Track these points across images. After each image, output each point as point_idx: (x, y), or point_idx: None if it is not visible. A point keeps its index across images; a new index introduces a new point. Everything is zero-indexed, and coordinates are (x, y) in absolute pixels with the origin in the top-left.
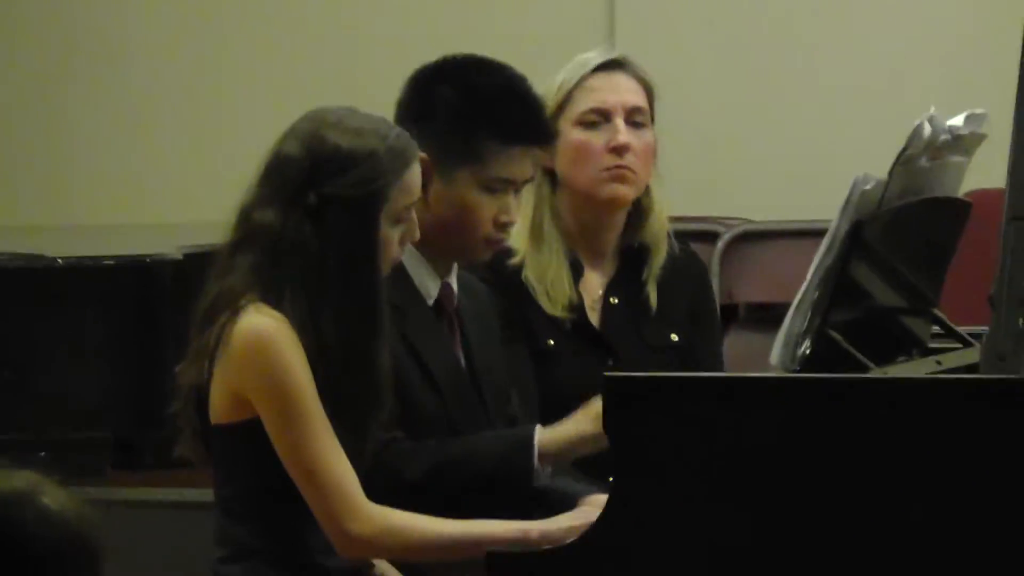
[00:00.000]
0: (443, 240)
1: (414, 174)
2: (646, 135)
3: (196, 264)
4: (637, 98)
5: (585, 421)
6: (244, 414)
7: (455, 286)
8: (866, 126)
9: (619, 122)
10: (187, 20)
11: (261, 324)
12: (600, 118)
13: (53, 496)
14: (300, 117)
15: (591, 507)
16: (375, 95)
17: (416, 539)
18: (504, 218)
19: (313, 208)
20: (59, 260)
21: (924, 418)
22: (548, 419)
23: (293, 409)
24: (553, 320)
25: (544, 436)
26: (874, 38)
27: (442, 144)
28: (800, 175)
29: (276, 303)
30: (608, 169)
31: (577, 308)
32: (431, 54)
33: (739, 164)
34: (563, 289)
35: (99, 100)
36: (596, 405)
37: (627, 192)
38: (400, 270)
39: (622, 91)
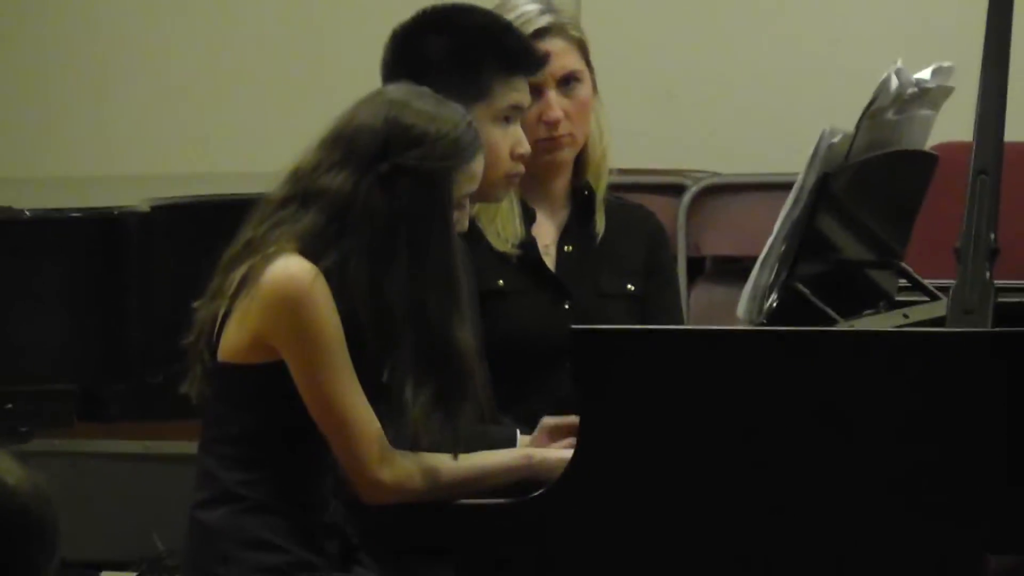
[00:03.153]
0: None
1: (479, 164)
2: (580, 92)
3: (164, 217)
4: (569, 61)
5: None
6: (260, 357)
7: None
8: (833, 79)
9: (551, 94)
10: None
11: (297, 271)
12: (532, 89)
13: (8, 470)
14: (376, 91)
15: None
16: (341, 51)
17: (438, 480)
18: (520, 149)
19: (386, 176)
20: (26, 212)
21: (891, 371)
22: (495, 357)
23: (325, 358)
24: (503, 260)
25: (524, 442)
26: None
27: (448, 92)
28: (767, 128)
29: (332, 270)
30: (542, 140)
31: (530, 248)
32: (394, 20)
33: (705, 117)
34: (513, 227)
35: (67, 52)
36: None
37: (564, 156)
38: None
39: (553, 60)
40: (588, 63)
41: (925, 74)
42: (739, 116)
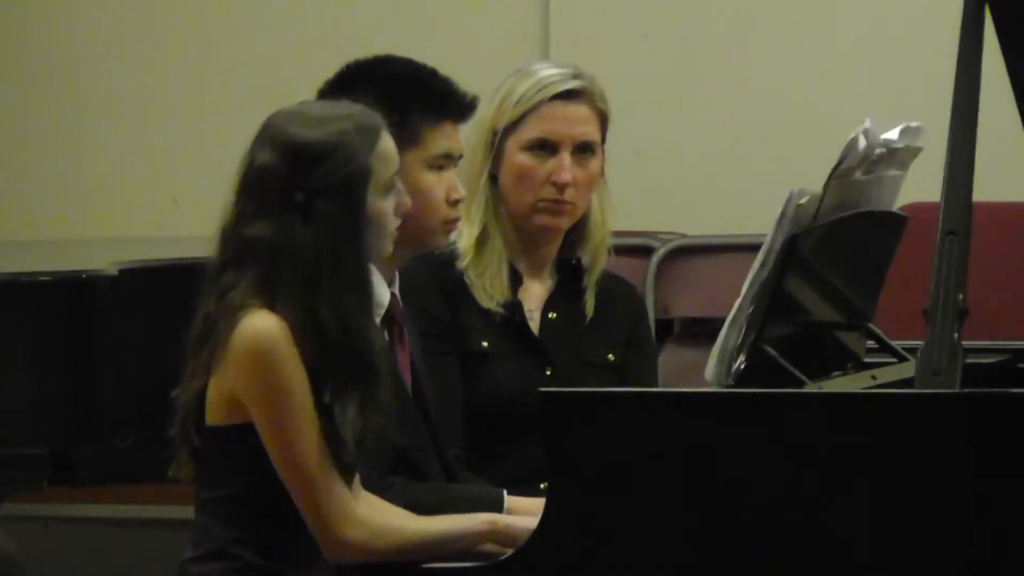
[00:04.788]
0: (401, 234)
1: (387, 142)
2: (592, 164)
3: (132, 280)
4: (589, 130)
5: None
6: (239, 417)
7: (398, 294)
8: (801, 140)
9: (565, 157)
10: (124, 30)
11: (261, 325)
12: (547, 147)
13: None
14: (260, 127)
15: None
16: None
17: (402, 540)
18: (454, 195)
19: (303, 206)
20: None
21: (859, 433)
22: (477, 420)
23: (287, 413)
24: (488, 322)
25: (512, 502)
26: (809, 51)
27: None
28: (735, 189)
29: (274, 308)
30: (545, 200)
31: (515, 311)
32: (359, 43)
33: (674, 178)
34: (501, 285)
35: (36, 115)
36: None
37: (561, 223)
38: None
39: (575, 124)
40: (603, 140)
41: (893, 134)
42: (707, 177)
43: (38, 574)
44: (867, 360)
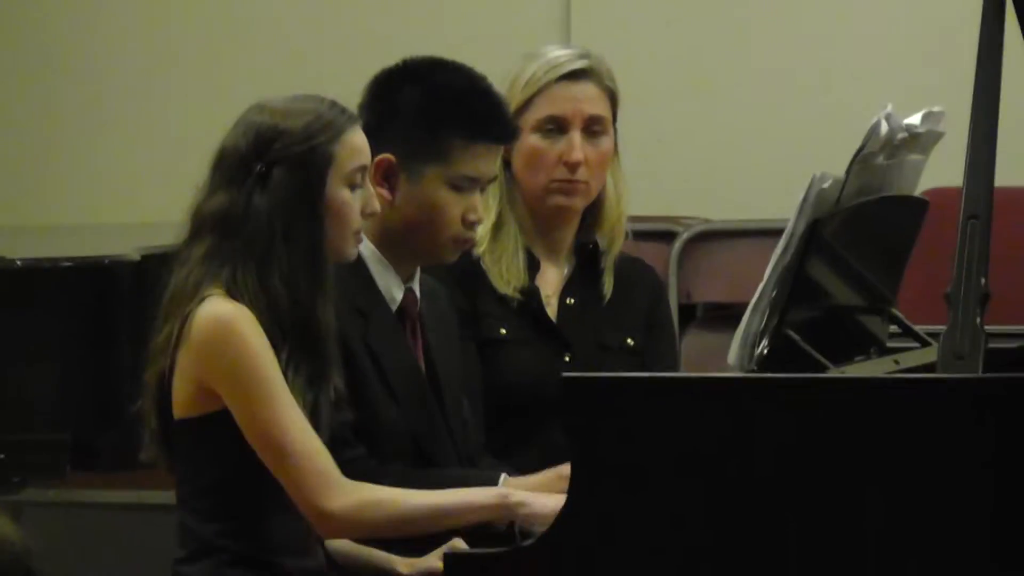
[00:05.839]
0: (411, 241)
1: (358, 136)
2: (603, 143)
3: (154, 265)
4: (598, 107)
5: (552, 481)
6: (207, 406)
7: (418, 292)
8: (823, 124)
9: (575, 136)
10: (142, 19)
11: (221, 310)
12: (557, 127)
13: None
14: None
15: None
16: (331, 87)
17: (396, 511)
18: (472, 216)
19: (261, 176)
20: (17, 261)
21: (882, 418)
22: (495, 406)
23: (260, 391)
24: (506, 308)
25: (509, 484)
26: (831, 36)
27: (408, 144)
28: (757, 174)
29: (229, 282)
30: (558, 181)
31: (532, 297)
32: (387, 54)
33: (696, 163)
34: (517, 271)
35: (56, 100)
36: (565, 469)
37: (575, 203)
38: (365, 275)
39: (583, 102)
40: (614, 119)
41: (915, 119)
42: (730, 162)
43: (60, 560)
44: (890, 345)
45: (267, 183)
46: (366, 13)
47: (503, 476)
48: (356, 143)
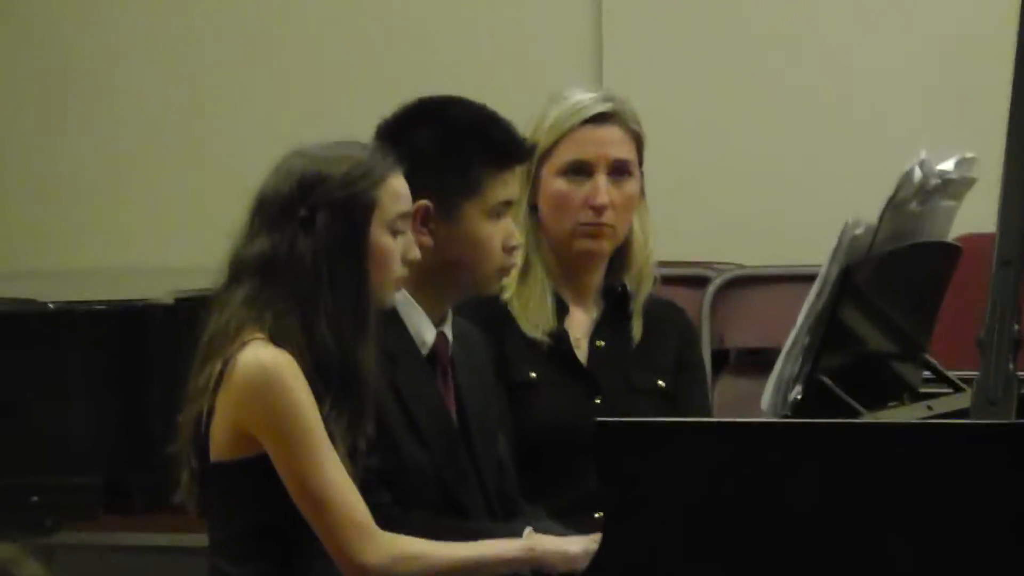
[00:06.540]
0: (453, 279)
1: (399, 181)
2: (628, 186)
3: (188, 309)
4: (623, 151)
5: (579, 544)
6: (246, 450)
7: (450, 335)
8: (856, 170)
9: (600, 179)
10: (174, 59)
11: (265, 357)
12: (582, 171)
13: (30, 570)
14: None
15: (594, 542)
16: (365, 126)
17: (430, 565)
18: (512, 242)
19: (305, 220)
20: (50, 304)
21: (916, 463)
22: (525, 450)
23: (301, 440)
24: (536, 352)
25: (532, 537)
26: (863, 81)
27: (439, 185)
28: (790, 220)
29: (273, 328)
30: (585, 224)
31: (562, 340)
32: (416, 90)
33: (729, 209)
34: (545, 315)
35: (92, 143)
36: (595, 540)
37: (602, 246)
38: (395, 317)
39: (608, 145)
40: (640, 162)
41: (948, 165)
42: (762, 207)
43: None
44: (923, 390)
45: (311, 228)
46: (397, 50)
47: (528, 529)
48: (398, 189)
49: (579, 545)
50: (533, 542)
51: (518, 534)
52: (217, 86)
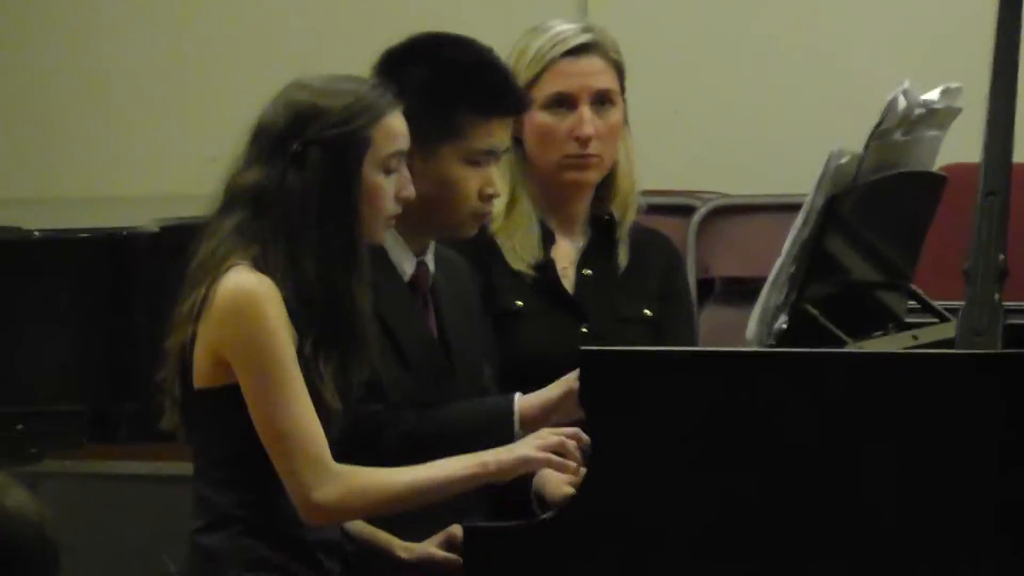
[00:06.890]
0: (428, 217)
1: (397, 120)
2: (612, 115)
3: (173, 237)
4: (605, 81)
5: (563, 387)
6: (226, 377)
7: (431, 265)
8: (841, 99)
9: (584, 110)
10: None
11: (244, 282)
12: (566, 103)
13: (15, 497)
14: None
15: (540, 438)
16: (354, 53)
17: (382, 495)
18: (489, 190)
19: (297, 155)
20: (35, 232)
21: (900, 392)
22: (512, 379)
23: (271, 371)
24: (521, 281)
25: (524, 402)
26: (849, 11)
27: (421, 122)
28: (775, 149)
29: (258, 259)
30: (570, 156)
31: (548, 270)
32: (401, 30)
33: (714, 138)
34: (531, 247)
35: (75, 72)
36: (575, 376)
37: (589, 177)
38: (376, 247)
39: (590, 76)
40: (623, 90)
41: (933, 95)
42: (747, 136)
43: (77, 532)
44: (908, 320)
45: (302, 163)
46: None
47: (516, 395)
48: (395, 127)
49: (528, 446)
50: (484, 457)
51: (508, 406)
52: (204, 11)
